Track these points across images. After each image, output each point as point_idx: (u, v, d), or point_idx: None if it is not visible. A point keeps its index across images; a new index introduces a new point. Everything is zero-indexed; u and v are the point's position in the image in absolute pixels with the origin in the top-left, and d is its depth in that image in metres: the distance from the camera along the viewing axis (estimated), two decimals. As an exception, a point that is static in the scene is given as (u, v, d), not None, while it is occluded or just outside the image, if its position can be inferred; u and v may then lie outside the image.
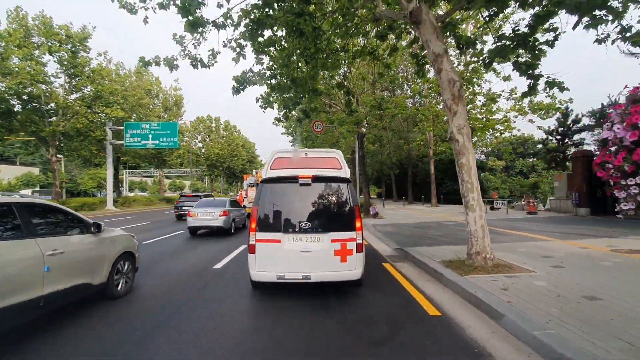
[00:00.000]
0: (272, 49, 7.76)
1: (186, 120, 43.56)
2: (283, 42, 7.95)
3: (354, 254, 4.56)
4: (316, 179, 4.74)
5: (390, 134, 28.77)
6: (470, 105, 17.92)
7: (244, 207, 16.35)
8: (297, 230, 4.56)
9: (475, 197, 5.71)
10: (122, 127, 26.03)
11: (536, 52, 6.36)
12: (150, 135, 26.41)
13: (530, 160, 41.81)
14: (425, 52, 7.94)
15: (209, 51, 6.94)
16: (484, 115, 16.84)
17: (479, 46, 8.49)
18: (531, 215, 15.58)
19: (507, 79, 13.34)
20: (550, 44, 6.40)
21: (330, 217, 4.71)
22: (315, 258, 4.48)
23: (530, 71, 6.23)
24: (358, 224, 4.63)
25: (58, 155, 31.97)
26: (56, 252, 3.68)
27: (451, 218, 15.69)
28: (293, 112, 10.13)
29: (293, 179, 4.73)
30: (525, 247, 7.85)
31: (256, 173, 23.16)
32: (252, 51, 7.70)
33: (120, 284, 4.88)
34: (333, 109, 20.16)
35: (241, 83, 7.95)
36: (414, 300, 4.81)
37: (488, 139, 20.87)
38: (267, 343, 3.46)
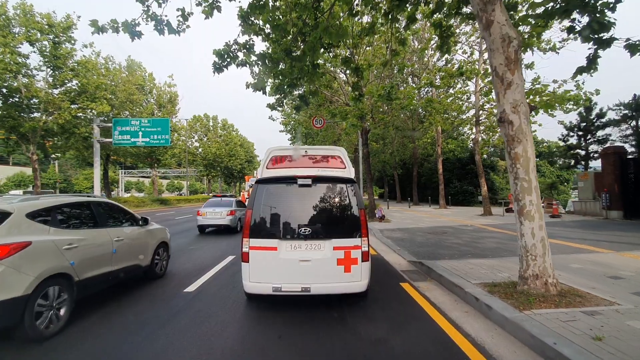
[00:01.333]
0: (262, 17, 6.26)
1: (182, 118, 42.14)
2: (277, 14, 6.49)
3: (359, 263, 4.11)
4: (317, 180, 4.32)
5: (393, 133, 27.30)
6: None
7: None
8: (295, 236, 4.13)
9: (534, 201, 4.18)
10: (110, 124, 24.58)
11: (598, 14, 4.86)
12: (140, 133, 24.88)
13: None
14: (451, 21, 6.43)
15: (177, 10, 5.43)
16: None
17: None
18: (555, 218, 14.05)
19: (554, 48, 11.55)
20: (612, 6, 4.90)
21: (332, 222, 4.27)
22: (315, 268, 4.05)
23: (601, 34, 4.69)
24: (364, 230, 4.18)
25: (56, 154, 30.91)
26: (119, 239, 4.83)
27: (466, 222, 14.16)
28: (289, 98, 8.58)
29: (291, 180, 4.31)
30: (577, 261, 6.31)
31: (257, 174, 23.85)
32: (238, 17, 6.21)
33: (159, 267, 6.00)
34: (334, 105, 18.70)
35: (223, 58, 6.45)
36: (453, 346, 3.32)
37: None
38: None
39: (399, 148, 33.71)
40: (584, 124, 18.79)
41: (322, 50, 7.42)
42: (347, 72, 8.30)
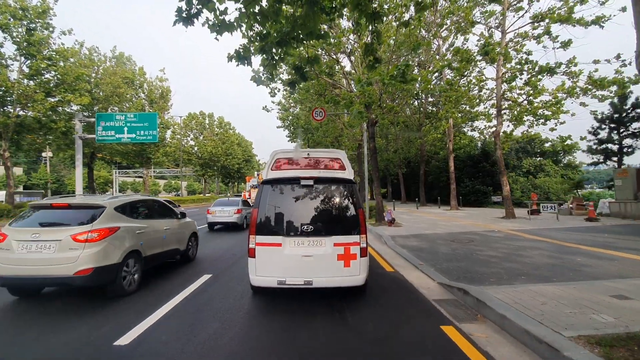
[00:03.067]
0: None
1: (175, 115, 40.28)
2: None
3: (358, 258, 4.34)
4: (318, 180, 4.61)
5: (398, 129, 25.46)
6: (506, 86, 14.48)
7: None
8: (298, 233, 4.38)
9: None
10: (94, 119, 22.73)
11: None
12: (125, 128, 23.02)
13: (537, 159, 38.36)
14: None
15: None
16: (525, 95, 13.33)
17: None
18: (593, 222, 12.15)
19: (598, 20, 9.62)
20: None
21: (333, 220, 4.52)
22: (317, 262, 4.29)
23: None
24: (362, 228, 4.42)
25: (48, 154, 28.94)
26: (167, 228, 6.44)
27: (489, 226, 12.29)
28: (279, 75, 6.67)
29: (294, 180, 4.60)
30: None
31: (258, 175, 25.04)
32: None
33: (191, 252, 7.59)
34: (337, 89, 16.85)
35: (190, 5, 4.55)
36: None
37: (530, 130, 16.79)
38: None
39: (404, 145, 31.87)
40: (617, 115, 16.95)
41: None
42: (357, 27, 6.51)
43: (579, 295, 4.26)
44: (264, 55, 5.38)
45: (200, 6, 4.62)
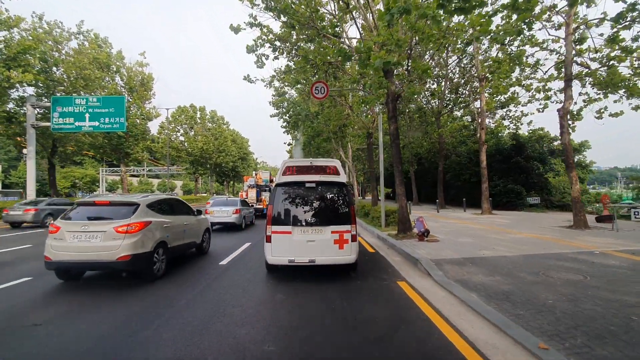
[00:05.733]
0: None
1: (160, 107, 36.37)
2: None
3: (350, 242, 5.51)
4: (319, 183, 5.85)
5: (413, 114, 21.63)
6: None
7: (252, 206, 17.53)
8: (304, 224, 5.59)
9: None
10: (50, 104, 18.95)
11: None
12: (87, 115, 19.27)
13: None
14: None
15: None
16: (604, 59, 9.55)
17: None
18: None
19: None
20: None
21: (330, 214, 5.68)
22: (318, 246, 5.47)
23: None
24: (353, 220, 5.59)
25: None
26: (187, 223, 7.16)
27: (571, 242, 8.47)
28: None
29: (301, 183, 5.86)
30: None
31: (255, 175, 22.57)
32: None
33: (205, 246, 8.26)
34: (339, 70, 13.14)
35: None
36: None
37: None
38: None
39: (415, 139, 28.04)
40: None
41: None
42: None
43: None
44: None
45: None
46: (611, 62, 9.89)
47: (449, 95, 20.88)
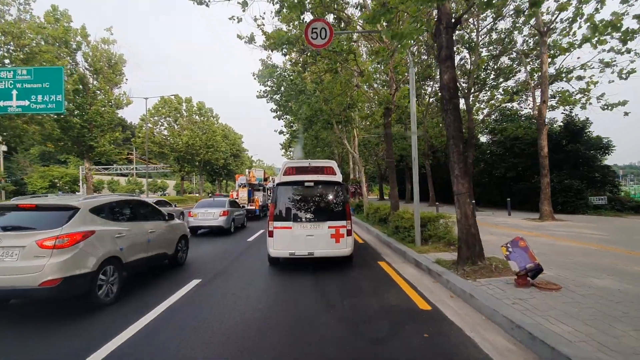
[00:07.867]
0: None
1: (134, 96, 31.72)
2: None
3: (345, 237, 6.03)
4: (317, 183, 6.35)
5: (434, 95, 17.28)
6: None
7: (243, 207, 16.40)
8: (303, 220, 6.13)
9: None
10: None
11: None
12: (14, 92, 14.78)
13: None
14: None
15: None
16: None
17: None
18: None
19: None
20: None
21: (327, 211, 6.25)
22: (317, 240, 5.99)
23: None
24: (348, 216, 6.12)
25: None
26: (152, 231, 5.84)
27: None
28: None
29: (300, 183, 6.34)
30: None
31: (249, 173, 21.10)
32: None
33: (181, 256, 7.03)
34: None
35: None
36: None
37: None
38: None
39: (431, 127, 23.71)
40: None
41: None
42: None
43: None
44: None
45: None
46: None
47: (491, 65, 16.50)
